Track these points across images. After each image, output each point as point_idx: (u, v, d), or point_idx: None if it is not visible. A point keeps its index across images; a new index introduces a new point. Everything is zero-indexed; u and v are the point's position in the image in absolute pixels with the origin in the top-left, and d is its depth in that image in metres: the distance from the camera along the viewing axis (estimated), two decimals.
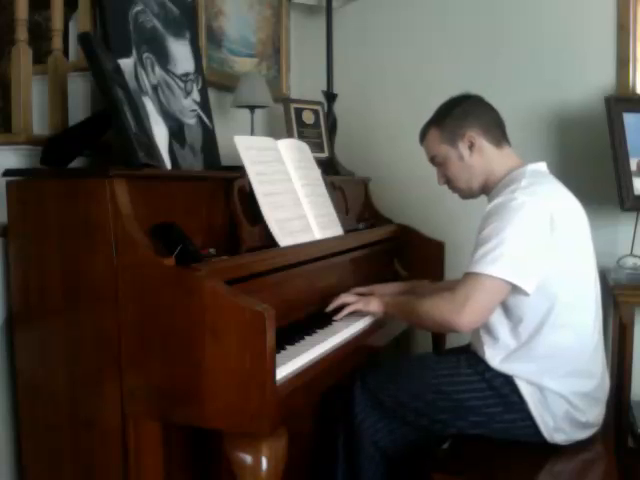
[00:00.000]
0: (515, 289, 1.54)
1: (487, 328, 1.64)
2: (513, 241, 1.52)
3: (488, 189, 1.75)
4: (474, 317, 1.55)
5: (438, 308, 1.58)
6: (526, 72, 2.67)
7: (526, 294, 1.54)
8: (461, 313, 1.53)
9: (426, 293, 1.85)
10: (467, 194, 1.82)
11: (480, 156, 1.74)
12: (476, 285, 1.53)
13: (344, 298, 1.80)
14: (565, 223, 1.58)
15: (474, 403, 1.64)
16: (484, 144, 1.74)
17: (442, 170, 1.81)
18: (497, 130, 1.77)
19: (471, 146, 1.73)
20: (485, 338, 1.65)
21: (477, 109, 1.77)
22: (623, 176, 2.34)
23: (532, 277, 1.53)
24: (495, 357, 1.63)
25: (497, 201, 1.61)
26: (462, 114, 1.75)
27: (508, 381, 1.62)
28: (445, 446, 1.76)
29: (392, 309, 1.77)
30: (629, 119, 2.39)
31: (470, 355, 1.72)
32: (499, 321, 1.62)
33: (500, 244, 1.52)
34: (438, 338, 2.52)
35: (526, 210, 1.55)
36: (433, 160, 1.83)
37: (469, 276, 1.55)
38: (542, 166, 1.74)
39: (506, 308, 1.61)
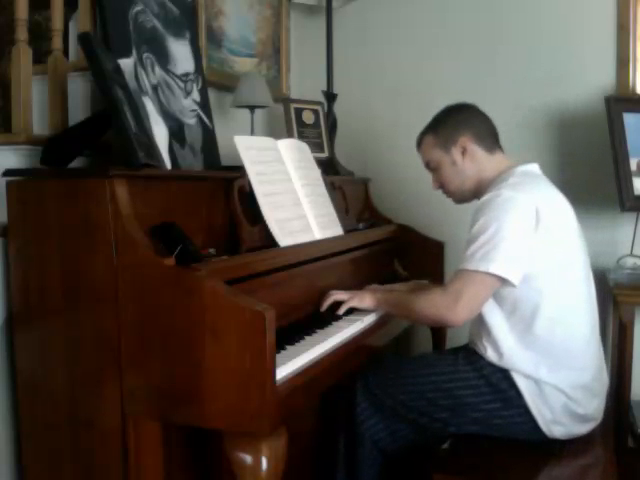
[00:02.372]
0: (504, 282, 1.59)
1: (485, 324, 1.67)
2: (499, 236, 1.57)
3: (480, 192, 1.79)
4: (466, 312, 1.61)
5: (431, 304, 1.65)
6: (526, 72, 2.67)
7: (513, 285, 1.59)
8: (454, 309, 1.60)
9: (418, 290, 1.88)
10: (459, 198, 1.89)
11: (472, 161, 1.81)
12: (467, 281, 1.60)
13: (336, 296, 1.80)
14: (550, 219, 1.62)
15: (473, 399, 1.65)
16: (476, 150, 1.80)
17: (436, 175, 1.89)
18: (489, 137, 1.83)
19: (463, 152, 1.80)
20: (483, 334, 1.68)
21: (471, 117, 1.85)
22: (623, 176, 2.34)
23: (519, 269, 1.58)
24: (493, 352, 1.66)
25: (484, 198, 1.67)
26: (456, 122, 1.83)
27: (506, 376, 1.64)
28: (445, 446, 1.76)
29: (385, 305, 1.82)
30: (629, 119, 2.39)
31: (468, 352, 1.74)
32: (496, 317, 1.66)
33: (488, 241, 1.58)
34: (438, 337, 2.52)
35: (511, 205, 1.60)
36: (428, 165, 1.91)
37: (460, 272, 1.62)
38: (533, 167, 1.79)
39: (501, 303, 1.65)
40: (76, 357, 1.36)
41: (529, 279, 1.59)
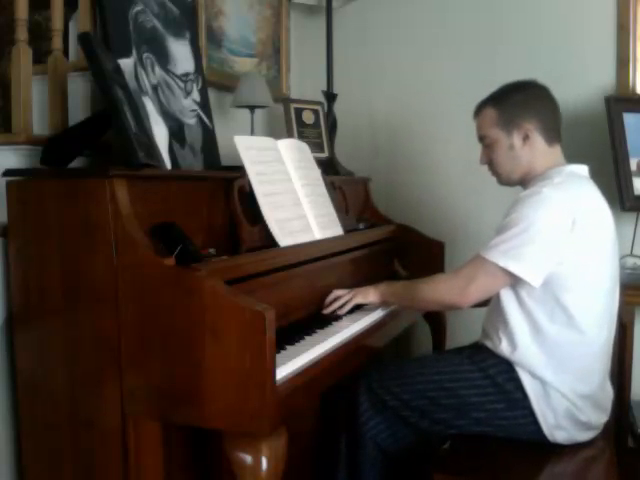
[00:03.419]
0: (522, 280, 1.57)
1: (503, 316, 1.65)
2: (527, 234, 1.55)
3: (525, 182, 1.74)
4: (474, 297, 1.63)
5: (440, 288, 1.67)
6: (525, 71, 2.64)
7: (532, 286, 1.57)
8: (464, 292, 1.62)
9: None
10: (504, 181, 1.80)
11: (530, 150, 1.71)
12: (481, 270, 1.60)
13: (340, 300, 1.80)
14: (587, 224, 1.58)
15: (477, 399, 1.64)
16: (537, 139, 1.70)
17: (487, 152, 1.78)
18: (554, 128, 1.73)
19: (525, 138, 1.70)
20: (500, 325, 1.66)
21: (541, 102, 1.73)
22: (623, 176, 2.34)
23: (541, 272, 1.56)
24: (508, 344, 1.64)
25: (525, 192, 1.63)
26: (524, 103, 1.71)
27: (512, 377, 1.63)
28: (446, 446, 1.76)
29: (390, 297, 1.82)
30: (629, 119, 2.39)
31: (473, 352, 1.73)
32: (514, 310, 1.64)
33: (514, 237, 1.56)
34: (438, 338, 2.52)
35: (547, 205, 1.56)
36: (482, 139, 1.79)
37: (478, 259, 1.61)
38: (582, 169, 1.72)
39: (520, 298, 1.62)
40: (76, 357, 1.36)
41: (552, 279, 1.56)
